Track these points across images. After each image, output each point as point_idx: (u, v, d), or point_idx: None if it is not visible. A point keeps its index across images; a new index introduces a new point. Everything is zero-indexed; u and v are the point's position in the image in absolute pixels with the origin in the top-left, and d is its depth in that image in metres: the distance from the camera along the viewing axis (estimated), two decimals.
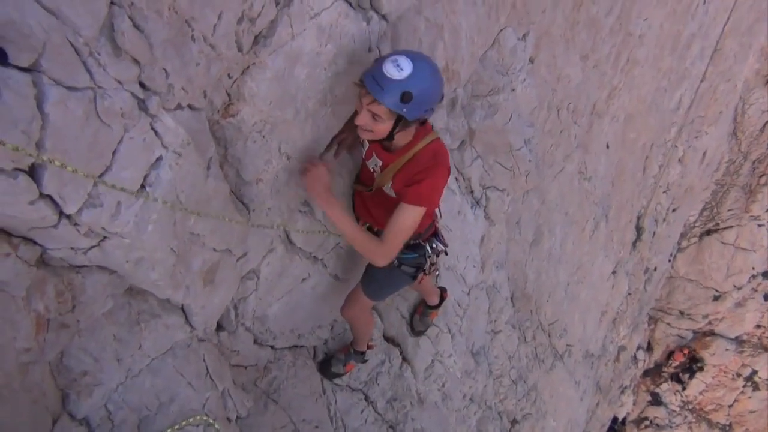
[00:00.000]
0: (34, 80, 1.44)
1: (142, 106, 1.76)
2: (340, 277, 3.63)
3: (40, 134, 1.48)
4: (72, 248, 1.78)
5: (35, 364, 1.83)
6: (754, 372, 16.00)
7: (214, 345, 2.78)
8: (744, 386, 16.16)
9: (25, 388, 1.84)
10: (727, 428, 16.64)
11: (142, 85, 1.75)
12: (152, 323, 2.24)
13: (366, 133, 2.59)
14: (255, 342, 3.17)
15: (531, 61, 5.23)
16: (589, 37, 6.77)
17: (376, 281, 3.45)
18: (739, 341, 16.02)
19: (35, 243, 1.73)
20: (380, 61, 2.44)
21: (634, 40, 7.92)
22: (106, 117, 1.62)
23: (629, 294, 11.99)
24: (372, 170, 2.96)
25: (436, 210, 3.38)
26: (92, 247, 1.82)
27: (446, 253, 3.52)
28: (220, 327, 2.92)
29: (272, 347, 3.38)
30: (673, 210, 12.79)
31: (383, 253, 2.80)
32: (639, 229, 11.23)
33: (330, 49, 2.35)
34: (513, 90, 4.75)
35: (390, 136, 2.60)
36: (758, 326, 15.80)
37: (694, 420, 16.62)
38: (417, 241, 3.31)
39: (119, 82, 1.65)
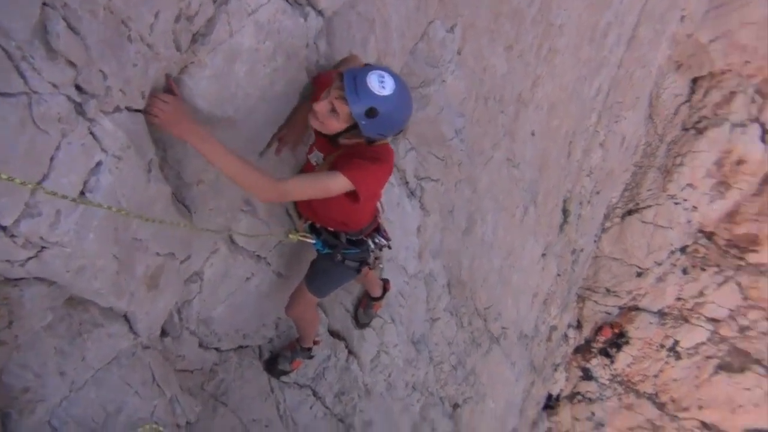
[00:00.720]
0: None
1: (79, 110, 1.70)
2: (283, 274, 3.63)
3: None
4: (8, 261, 1.71)
5: None
6: (676, 342, 16.91)
7: (159, 351, 2.73)
8: (667, 356, 17.05)
9: None
10: (654, 397, 17.54)
11: (78, 88, 1.70)
12: (95, 333, 2.18)
13: (316, 121, 2.55)
14: (200, 345, 3.13)
15: (458, 52, 5.34)
16: (513, 28, 6.95)
17: (320, 277, 3.46)
18: (661, 314, 16.87)
19: None
20: (368, 68, 2.42)
21: (555, 30, 8.19)
22: (42, 123, 1.57)
23: (558, 275, 12.42)
24: (314, 164, 2.94)
25: (378, 205, 3.41)
26: (30, 258, 1.76)
27: (389, 248, 3.55)
28: (164, 332, 2.86)
29: (217, 349, 3.35)
30: (597, 193, 13.29)
31: (272, 189, 2.47)
32: (565, 213, 11.62)
33: (269, 45, 2.34)
34: (443, 81, 4.85)
35: (335, 138, 2.60)
36: (678, 299, 16.67)
37: (623, 391, 17.42)
38: (359, 237, 3.33)
39: (55, 86, 1.60)
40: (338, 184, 2.57)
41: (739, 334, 16.83)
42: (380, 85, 2.37)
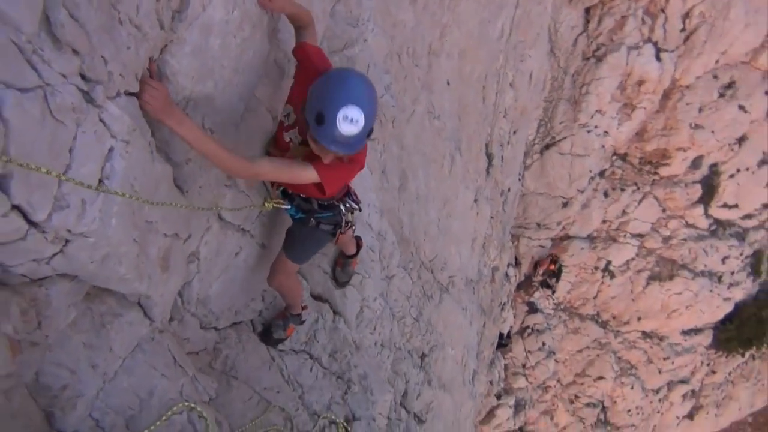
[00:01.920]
0: None
1: (88, 98, 1.75)
2: (265, 245, 3.74)
3: (4, 141, 1.45)
4: (35, 260, 1.75)
5: (16, 389, 1.80)
6: (609, 262, 17.94)
7: (172, 334, 2.79)
8: (602, 277, 18.07)
9: (12, 415, 1.81)
10: (596, 317, 18.61)
11: (82, 76, 1.73)
12: (116, 323, 2.24)
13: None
14: (201, 327, 3.21)
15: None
16: None
17: (297, 243, 3.58)
18: (590, 238, 17.81)
19: None
20: (329, 121, 2.53)
21: None
22: (59, 114, 1.61)
23: (492, 218, 12.86)
24: (288, 141, 3.04)
25: None
26: (55, 254, 1.80)
27: (359, 210, 3.69)
28: (170, 317, 2.93)
29: (215, 329, 3.44)
30: (514, 132, 13.75)
31: (245, 169, 2.67)
32: (489, 156, 11.99)
33: (237, 15, 2.41)
34: (365, 40, 4.95)
35: None
36: (604, 221, 17.63)
37: (567, 317, 18.38)
38: (331, 202, 3.44)
39: (64, 76, 1.64)
40: (308, 175, 2.78)
41: (664, 244, 18.02)
42: (354, 124, 2.53)
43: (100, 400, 2.19)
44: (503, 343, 16.59)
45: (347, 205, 3.56)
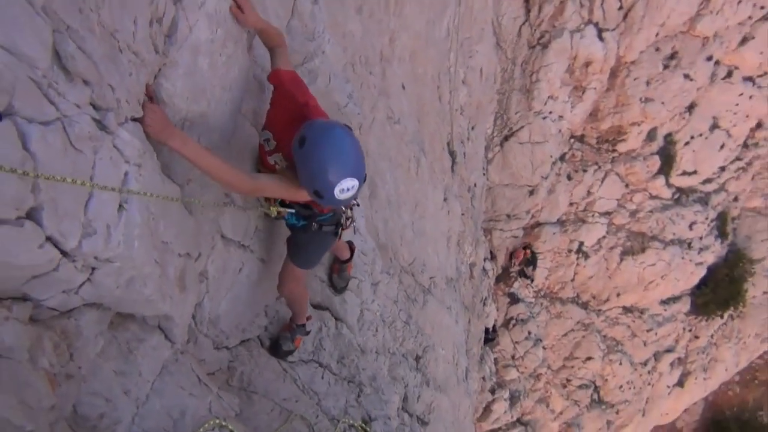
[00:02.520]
0: (14, 123, 1.45)
1: (101, 125, 1.81)
2: (264, 259, 3.79)
3: (33, 174, 1.50)
4: (65, 291, 1.80)
5: (58, 423, 1.82)
6: (581, 244, 18.30)
7: (192, 354, 2.82)
8: (577, 259, 18.41)
9: None
10: (577, 299, 18.94)
11: (93, 105, 1.78)
12: (141, 348, 2.29)
13: None
14: (214, 347, 3.24)
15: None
16: None
17: (302, 250, 3.65)
18: (560, 223, 18.14)
19: (25, 300, 1.72)
20: (327, 195, 2.74)
21: None
22: (78, 143, 1.67)
23: (463, 214, 13.04)
24: (274, 163, 3.12)
25: None
26: (83, 283, 1.83)
27: (358, 204, 3.79)
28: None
29: (227, 348, 3.47)
30: (472, 128, 13.99)
31: (250, 187, 2.83)
32: (452, 154, 12.17)
33: (220, 34, 2.50)
34: (323, 52, 5.05)
35: None
36: (571, 204, 17.99)
37: (549, 303, 18.66)
38: None
39: (78, 106, 1.70)
40: (301, 197, 2.98)
41: (631, 218, 18.47)
42: (352, 191, 2.78)
43: (136, 425, 2.23)
44: (490, 337, 16.75)
45: None
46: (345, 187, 2.67)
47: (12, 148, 1.46)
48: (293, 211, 3.45)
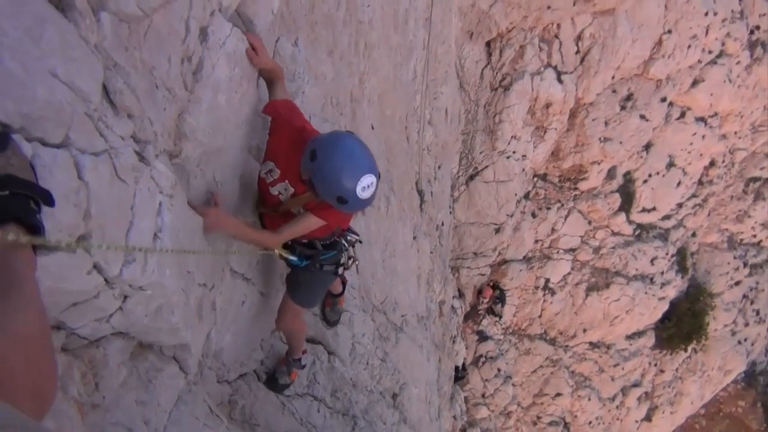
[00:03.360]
0: (70, 153, 1.57)
1: (141, 157, 1.92)
2: (263, 292, 3.85)
3: (87, 203, 1.61)
4: (97, 320, 1.87)
5: None
6: (547, 280, 18.64)
7: (202, 386, 2.88)
8: (544, 295, 18.73)
9: None
10: (544, 336, 19.17)
11: (134, 138, 1.91)
12: (159, 378, 2.35)
13: None
14: (217, 380, 3.29)
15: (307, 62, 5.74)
16: (329, 34, 7.47)
17: (303, 289, 3.72)
18: (526, 260, 18.48)
19: (59, 328, 1.80)
20: (351, 199, 2.88)
21: (365, 27, 8.84)
22: (123, 174, 1.78)
23: (431, 252, 13.22)
24: (278, 194, 3.23)
25: None
26: (114, 312, 1.92)
27: (360, 242, 3.88)
28: None
29: (227, 381, 3.51)
30: (439, 167, 14.29)
31: (276, 242, 3.25)
32: (420, 193, 12.41)
33: (237, 72, 2.64)
34: (303, 92, 5.23)
35: None
36: (536, 241, 18.37)
37: (517, 340, 18.84)
38: (332, 239, 3.61)
39: (123, 138, 1.81)
40: (317, 223, 3.16)
41: (595, 255, 18.92)
42: (372, 187, 2.92)
43: None
44: (460, 375, 16.78)
45: (348, 239, 3.76)
46: (365, 185, 2.79)
47: (69, 178, 1.55)
48: (294, 258, 3.55)
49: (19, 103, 1.44)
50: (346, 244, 3.74)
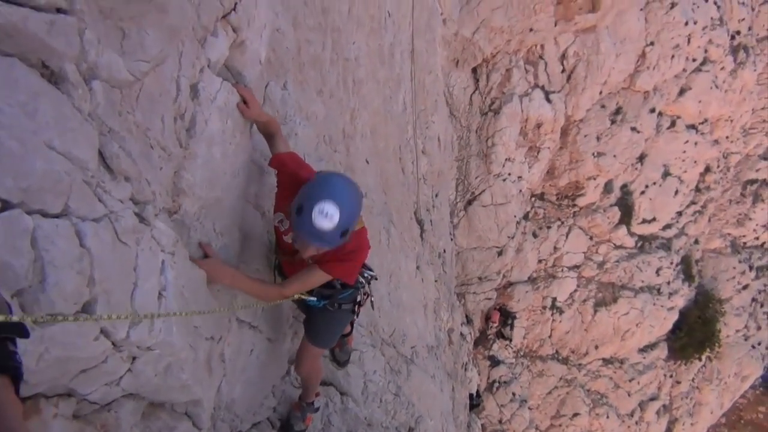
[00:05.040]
0: (70, 222, 1.59)
1: (140, 218, 1.94)
2: (271, 339, 3.84)
3: (90, 269, 1.63)
4: (107, 384, 1.87)
5: None
6: (554, 299, 18.56)
7: None
8: (552, 315, 18.63)
9: None
10: (557, 356, 19.02)
11: (132, 200, 1.93)
12: None
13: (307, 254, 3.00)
14: None
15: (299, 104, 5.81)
16: (317, 74, 7.57)
17: (322, 330, 3.71)
18: (531, 280, 18.43)
19: (69, 396, 1.80)
20: (306, 213, 2.73)
21: (352, 64, 8.97)
22: (124, 237, 1.81)
23: (436, 281, 13.20)
24: (292, 242, 3.23)
25: None
26: (124, 374, 1.92)
27: (376, 278, 3.86)
28: None
29: None
30: (436, 195, 14.35)
31: (281, 296, 3.18)
32: (420, 222, 12.44)
33: (230, 125, 2.69)
34: (296, 134, 5.28)
35: None
36: (540, 261, 18.35)
37: (530, 362, 18.69)
38: None
39: (121, 201, 1.84)
40: (322, 277, 3.13)
41: (600, 270, 18.88)
42: (329, 219, 2.71)
43: None
44: (475, 403, 16.59)
45: (365, 276, 3.72)
46: (324, 210, 2.66)
47: (72, 246, 1.58)
48: (314, 299, 3.52)
49: (19, 178, 1.47)
50: (363, 281, 3.71)
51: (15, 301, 1.47)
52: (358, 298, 3.78)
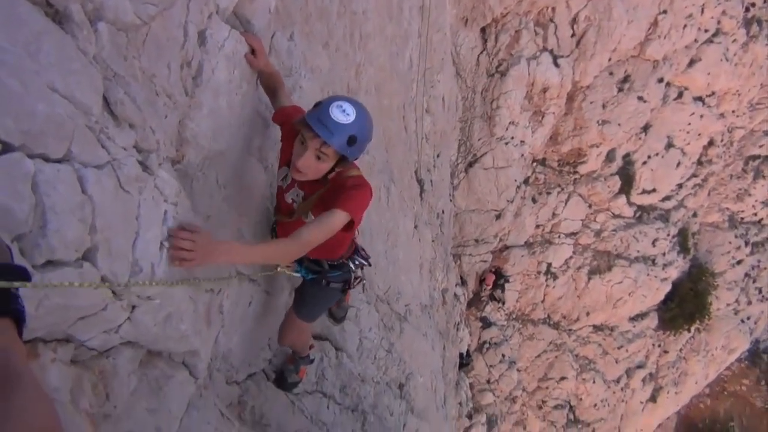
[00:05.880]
0: (72, 168, 1.56)
1: (144, 167, 1.90)
2: (269, 292, 3.84)
3: (92, 217, 1.60)
4: (106, 331, 1.87)
5: None
6: (549, 265, 18.67)
7: (212, 390, 2.89)
8: (546, 280, 18.77)
9: None
10: (548, 320, 19.24)
11: (136, 148, 1.90)
12: (169, 385, 2.34)
13: (302, 174, 2.78)
14: (226, 382, 3.29)
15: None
16: (324, 26, 7.42)
17: (309, 303, 3.69)
18: (528, 245, 18.51)
19: (68, 341, 1.79)
20: (324, 105, 2.65)
21: (360, 18, 8.80)
22: (127, 185, 1.77)
23: (433, 241, 13.24)
24: (291, 201, 3.17)
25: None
26: (124, 322, 1.92)
27: (369, 265, 3.79)
28: None
29: (236, 382, 3.51)
30: (437, 156, 14.29)
31: (297, 251, 2.75)
32: (420, 182, 12.41)
33: (237, 74, 2.63)
34: (301, 87, 5.20)
35: (325, 176, 2.85)
36: (537, 226, 18.40)
37: (521, 325, 18.91)
38: (340, 261, 3.55)
39: (125, 149, 1.80)
40: (341, 219, 2.79)
41: (596, 238, 18.94)
42: (344, 114, 2.63)
43: None
44: (464, 362, 16.86)
45: (356, 262, 3.63)
46: (342, 106, 2.61)
47: (73, 192, 1.55)
48: (298, 273, 3.47)
49: (20, 119, 1.43)
50: (353, 267, 3.62)
51: (15, 246, 1.45)
52: (351, 280, 3.69)
